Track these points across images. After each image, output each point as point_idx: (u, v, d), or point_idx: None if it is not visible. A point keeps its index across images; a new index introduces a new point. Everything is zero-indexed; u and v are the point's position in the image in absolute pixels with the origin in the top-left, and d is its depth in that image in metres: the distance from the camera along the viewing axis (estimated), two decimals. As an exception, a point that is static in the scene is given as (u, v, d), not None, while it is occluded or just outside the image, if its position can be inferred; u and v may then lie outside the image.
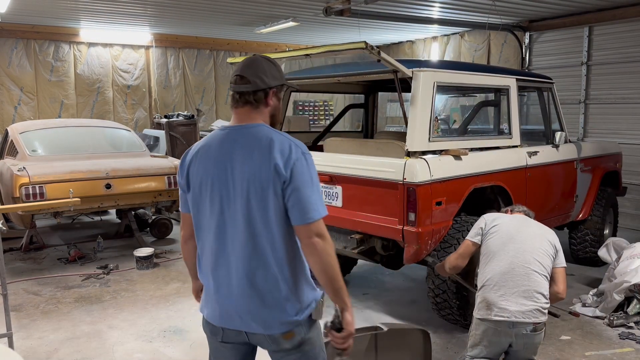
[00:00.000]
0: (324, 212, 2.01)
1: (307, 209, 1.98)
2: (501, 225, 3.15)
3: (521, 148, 4.97)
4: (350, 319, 2.08)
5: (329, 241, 2.02)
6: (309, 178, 2.00)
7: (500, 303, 2.90)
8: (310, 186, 2.00)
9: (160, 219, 7.67)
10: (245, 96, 2.09)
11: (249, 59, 2.18)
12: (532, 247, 3.01)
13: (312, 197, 1.99)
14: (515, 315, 2.87)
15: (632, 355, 4.04)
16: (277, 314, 2.07)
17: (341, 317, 2.09)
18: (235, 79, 2.11)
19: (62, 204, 5.40)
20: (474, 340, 3.05)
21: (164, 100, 11.40)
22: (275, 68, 2.15)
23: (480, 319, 2.99)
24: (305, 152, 2.04)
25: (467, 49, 10.57)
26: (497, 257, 3.01)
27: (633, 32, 7.94)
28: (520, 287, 2.91)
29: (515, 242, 3.02)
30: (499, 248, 3.03)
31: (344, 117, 6.96)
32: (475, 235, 3.25)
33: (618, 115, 8.27)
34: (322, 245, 2.00)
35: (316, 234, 1.99)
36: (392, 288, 5.60)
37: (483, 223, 3.26)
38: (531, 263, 2.97)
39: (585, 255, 6.10)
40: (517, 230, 3.10)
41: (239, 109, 2.12)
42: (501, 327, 2.90)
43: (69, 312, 4.96)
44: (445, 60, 10.66)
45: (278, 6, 8.05)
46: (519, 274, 2.94)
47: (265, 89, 2.10)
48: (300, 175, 1.98)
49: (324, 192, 4.61)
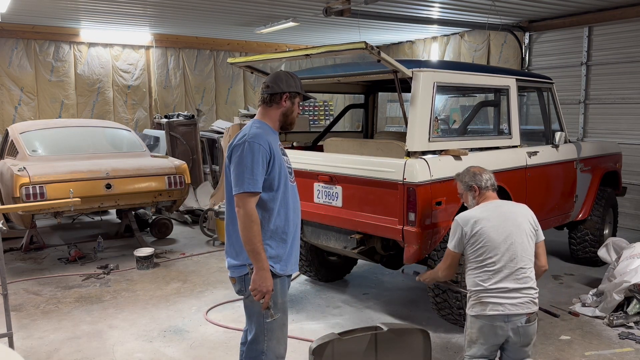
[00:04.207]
0: (246, 189, 2.59)
1: (235, 184, 2.64)
2: (484, 229, 3.03)
3: (521, 148, 4.98)
4: (255, 277, 2.62)
5: (247, 212, 2.60)
6: (240, 160, 2.63)
7: (494, 299, 2.94)
8: (240, 166, 2.62)
9: (161, 219, 7.68)
10: (263, 96, 2.81)
11: (274, 72, 2.92)
12: (522, 244, 3.03)
13: (240, 176, 2.61)
14: (509, 308, 2.93)
15: (631, 355, 4.05)
16: (229, 260, 2.83)
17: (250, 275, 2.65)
18: (262, 85, 2.85)
19: (62, 204, 5.41)
20: (470, 339, 3.08)
21: (164, 100, 11.40)
22: (292, 80, 2.81)
23: (475, 316, 3.02)
24: (250, 141, 2.63)
25: (467, 49, 10.58)
26: (489, 260, 3.00)
27: (633, 32, 7.95)
28: (513, 284, 2.96)
29: (505, 242, 2.99)
30: (489, 251, 3.00)
31: (344, 117, 6.97)
32: (457, 245, 3.15)
33: (618, 115, 8.28)
34: (240, 214, 2.62)
35: (237, 204, 2.64)
36: (392, 288, 5.60)
37: (460, 231, 3.11)
38: (521, 260, 3.00)
39: (585, 255, 6.10)
40: (502, 228, 3.02)
41: (258, 107, 2.87)
42: (497, 321, 2.94)
43: (70, 312, 4.96)
44: (445, 60, 10.66)
45: (278, 6, 8.05)
46: (511, 271, 2.98)
47: (279, 93, 2.78)
48: (235, 157, 2.66)
49: (324, 192, 4.62)
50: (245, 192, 2.60)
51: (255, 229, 2.60)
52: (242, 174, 2.61)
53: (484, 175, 3.28)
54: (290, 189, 2.83)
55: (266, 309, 2.68)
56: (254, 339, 2.80)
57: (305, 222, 4.80)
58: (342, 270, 5.80)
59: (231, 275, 2.84)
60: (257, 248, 2.60)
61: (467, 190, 3.33)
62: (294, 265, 2.90)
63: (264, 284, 2.61)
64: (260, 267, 2.61)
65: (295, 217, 2.87)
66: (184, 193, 7.06)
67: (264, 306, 2.66)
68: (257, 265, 2.61)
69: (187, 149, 9.10)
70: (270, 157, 2.68)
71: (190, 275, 6.03)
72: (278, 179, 2.73)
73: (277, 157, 2.72)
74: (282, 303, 2.81)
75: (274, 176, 2.71)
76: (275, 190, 2.73)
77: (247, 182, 2.59)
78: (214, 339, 4.39)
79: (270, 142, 2.71)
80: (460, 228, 3.12)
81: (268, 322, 2.74)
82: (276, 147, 2.77)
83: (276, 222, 2.75)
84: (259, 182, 2.62)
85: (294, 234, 2.86)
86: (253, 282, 2.62)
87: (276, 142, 2.81)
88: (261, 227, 2.68)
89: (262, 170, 2.64)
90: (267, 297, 2.64)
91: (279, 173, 2.73)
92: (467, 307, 3.10)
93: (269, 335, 2.77)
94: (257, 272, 2.61)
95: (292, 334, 4.28)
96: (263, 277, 2.61)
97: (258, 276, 2.61)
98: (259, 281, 2.61)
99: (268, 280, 2.62)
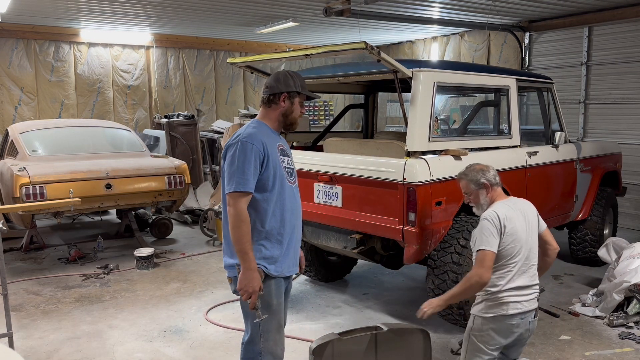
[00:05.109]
0: (236, 189, 2.61)
1: (226, 183, 2.66)
2: (515, 228, 2.94)
3: (521, 148, 4.98)
4: (242, 277, 2.62)
5: (236, 212, 2.61)
6: (232, 159, 2.64)
7: (513, 298, 2.93)
8: (232, 166, 2.63)
9: (161, 219, 7.68)
10: (263, 97, 2.83)
11: (275, 72, 2.90)
12: (535, 242, 3.05)
13: (231, 175, 2.63)
14: (525, 305, 2.94)
15: (631, 355, 4.05)
16: (226, 259, 2.83)
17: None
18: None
19: (62, 204, 5.41)
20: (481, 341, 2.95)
21: (164, 100, 11.40)
22: (291, 79, 2.79)
23: (491, 317, 2.92)
24: (243, 140, 2.64)
25: (467, 49, 10.58)
26: (513, 260, 2.93)
27: (633, 32, 7.95)
28: (526, 281, 2.97)
29: (527, 241, 3.00)
30: (516, 250, 2.94)
31: (344, 117, 6.97)
32: (493, 244, 2.90)
33: (618, 115, 8.28)
34: (231, 213, 2.63)
35: (228, 203, 2.65)
36: (392, 288, 5.60)
37: (499, 229, 2.92)
38: (533, 257, 3.03)
39: (585, 255, 6.10)
40: (525, 226, 3.00)
41: (260, 107, 2.88)
42: (515, 320, 2.92)
43: (70, 312, 4.96)
44: (445, 60, 10.66)
45: (278, 6, 8.05)
46: (526, 269, 2.98)
47: (277, 93, 2.77)
48: (228, 156, 2.67)
49: (324, 192, 4.62)
50: (235, 192, 2.61)
51: (244, 228, 2.60)
52: (233, 174, 2.62)
53: (491, 171, 3.15)
54: (288, 190, 2.80)
55: (253, 309, 2.66)
56: (251, 340, 2.79)
57: (305, 222, 4.79)
58: (342, 270, 5.80)
59: (228, 275, 2.84)
60: (244, 248, 2.60)
61: (478, 189, 3.12)
62: (291, 266, 2.87)
63: (249, 284, 2.60)
64: (247, 267, 2.61)
65: (293, 219, 2.83)
66: (184, 193, 7.06)
67: (250, 306, 2.65)
68: (244, 265, 2.61)
69: (187, 149, 9.10)
70: (264, 157, 2.66)
71: (190, 275, 6.03)
72: (273, 180, 2.71)
73: (271, 158, 2.70)
74: (277, 304, 2.79)
75: (267, 176, 2.69)
76: (270, 191, 2.71)
77: (238, 182, 2.60)
78: (214, 339, 4.39)
79: (265, 143, 2.69)
80: (499, 226, 2.90)
81: (264, 323, 2.72)
82: (272, 147, 2.74)
83: (271, 222, 2.73)
84: (250, 182, 2.62)
85: (291, 235, 2.83)
86: (239, 281, 2.63)
87: (274, 143, 2.77)
88: (255, 228, 2.69)
89: (255, 171, 2.63)
90: (253, 298, 2.62)
91: (274, 174, 2.71)
92: (479, 309, 2.97)
93: (265, 336, 2.76)
94: (243, 272, 2.62)
95: (292, 334, 4.29)
96: (249, 277, 2.60)
97: (244, 276, 2.61)
98: (245, 281, 2.61)
99: (254, 281, 2.61)
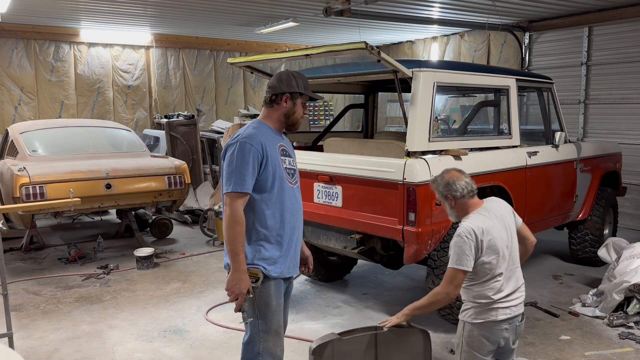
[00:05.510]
0: (233, 189, 2.61)
1: (224, 183, 2.67)
2: (494, 240, 2.84)
3: (521, 148, 4.98)
4: (230, 278, 2.63)
5: (232, 212, 2.61)
6: (230, 160, 2.64)
7: (502, 304, 2.89)
8: (230, 166, 2.64)
9: (161, 219, 7.68)
10: (265, 97, 2.83)
11: (277, 72, 2.88)
12: (515, 245, 3.00)
13: (229, 175, 2.63)
14: (514, 310, 2.90)
15: (631, 355, 4.05)
16: (226, 259, 2.73)
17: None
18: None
19: (62, 204, 5.40)
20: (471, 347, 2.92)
21: (164, 100, 11.40)
22: (294, 80, 2.77)
23: (479, 324, 2.88)
24: (241, 141, 2.64)
25: (467, 49, 10.57)
26: (498, 270, 2.87)
27: (633, 32, 7.95)
28: (513, 286, 2.93)
29: (507, 249, 2.91)
30: (499, 261, 2.86)
31: (344, 117, 6.97)
32: (467, 263, 2.77)
33: (618, 115, 8.27)
34: (227, 213, 2.64)
35: (225, 202, 2.67)
36: (392, 288, 5.60)
37: (475, 245, 2.77)
38: (516, 260, 2.98)
39: (585, 255, 6.10)
40: (504, 235, 2.91)
41: (262, 108, 2.86)
42: (503, 325, 2.88)
43: (69, 312, 4.97)
44: (445, 60, 10.66)
45: (278, 6, 8.05)
46: (511, 274, 2.94)
47: (279, 94, 2.76)
48: (227, 157, 2.67)
49: (324, 192, 4.62)
50: (232, 192, 2.61)
51: (238, 229, 2.60)
52: (231, 174, 2.62)
53: (458, 184, 2.89)
54: (288, 190, 2.78)
55: (239, 311, 2.66)
56: (250, 340, 2.78)
57: (305, 222, 4.78)
58: (342, 270, 5.80)
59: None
60: (236, 249, 2.60)
61: (444, 199, 3.00)
62: (291, 268, 2.86)
63: (237, 285, 2.60)
64: (236, 269, 2.60)
65: (293, 219, 2.81)
66: (184, 193, 7.06)
67: (236, 308, 2.65)
68: (234, 266, 2.61)
69: (187, 149, 9.10)
70: (262, 158, 2.65)
71: (190, 275, 6.03)
72: (272, 181, 2.70)
73: (270, 159, 2.68)
74: (276, 305, 2.78)
75: (266, 177, 2.68)
76: (269, 191, 2.70)
77: (235, 182, 2.60)
78: (214, 339, 4.39)
79: (264, 143, 2.67)
80: (475, 242, 2.76)
81: (264, 324, 2.73)
82: (272, 148, 2.72)
83: (270, 223, 2.72)
84: (247, 182, 2.61)
85: (291, 236, 2.81)
86: (228, 282, 2.63)
87: (275, 143, 2.76)
88: (254, 228, 2.69)
89: (253, 171, 2.62)
90: (240, 299, 2.62)
91: (273, 174, 2.70)
92: (468, 315, 2.91)
93: (264, 336, 2.75)
94: (232, 273, 2.61)
95: (292, 334, 4.29)
96: (237, 278, 2.60)
97: (232, 277, 2.61)
98: (233, 282, 2.61)
99: (242, 283, 2.61)
